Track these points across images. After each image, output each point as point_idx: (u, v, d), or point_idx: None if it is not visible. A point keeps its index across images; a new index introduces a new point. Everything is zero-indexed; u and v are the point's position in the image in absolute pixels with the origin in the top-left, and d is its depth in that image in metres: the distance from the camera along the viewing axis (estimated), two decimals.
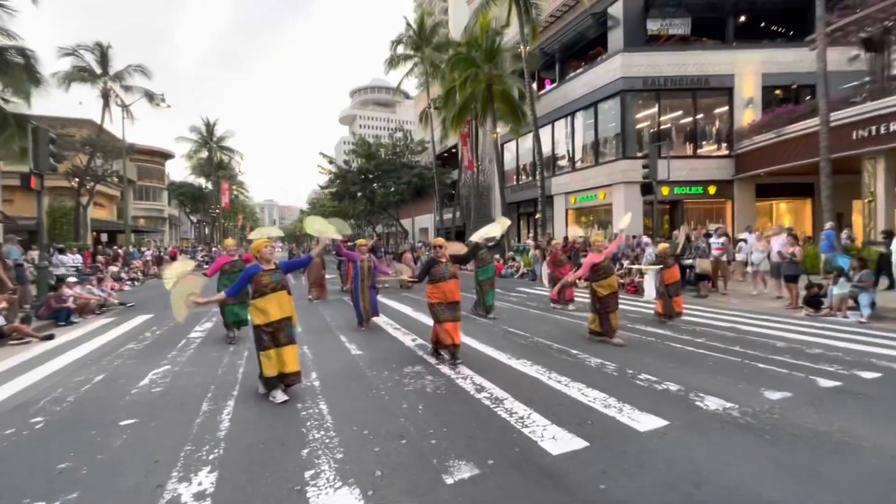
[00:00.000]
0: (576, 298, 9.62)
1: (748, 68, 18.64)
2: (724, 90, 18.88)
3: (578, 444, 3.02)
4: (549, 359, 5.20)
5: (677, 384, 4.16)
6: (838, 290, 7.83)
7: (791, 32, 20.41)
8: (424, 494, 2.49)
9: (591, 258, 6.10)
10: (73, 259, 13.71)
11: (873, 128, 13.91)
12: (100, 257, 16.89)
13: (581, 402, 3.78)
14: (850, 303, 7.80)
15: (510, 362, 4.99)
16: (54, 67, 21.30)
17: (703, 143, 19.63)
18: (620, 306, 6.31)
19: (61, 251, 12.62)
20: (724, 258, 10.91)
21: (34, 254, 10.91)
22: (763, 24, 20.36)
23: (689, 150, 19.36)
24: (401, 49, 22.98)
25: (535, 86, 24.70)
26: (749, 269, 10.48)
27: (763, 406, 3.62)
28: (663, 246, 8.11)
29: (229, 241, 7.23)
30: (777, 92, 18.61)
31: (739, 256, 11.82)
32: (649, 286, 10.33)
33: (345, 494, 2.51)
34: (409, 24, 22.83)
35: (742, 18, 20.02)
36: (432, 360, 5.26)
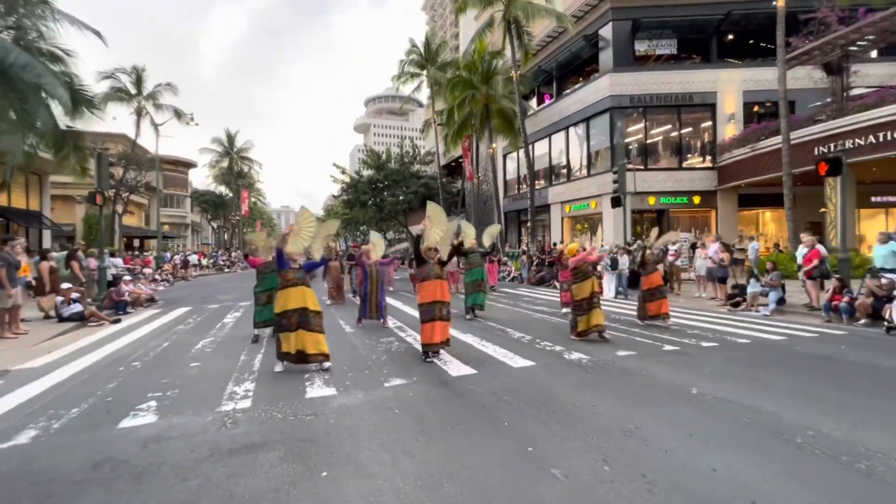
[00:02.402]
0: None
1: (729, 86, 20.30)
2: (707, 106, 20.56)
3: (471, 371, 5.04)
4: (487, 333, 7.21)
5: (562, 347, 6.13)
6: (751, 288, 9.60)
7: (773, 47, 21.93)
8: (370, 390, 4.55)
9: (571, 261, 6.85)
10: (118, 262, 16.23)
11: (831, 145, 15.51)
12: (137, 260, 19.51)
13: (489, 354, 5.80)
14: (763, 299, 9.56)
15: (458, 335, 6.97)
16: (94, 87, 24.03)
17: (689, 155, 21.28)
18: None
19: (112, 255, 15.12)
20: (679, 263, 12.66)
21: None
22: (746, 43, 21.93)
23: (674, 162, 21.03)
24: (407, 68, 25.35)
25: (534, 101, 26.77)
26: (699, 273, 12.19)
27: (607, 358, 5.56)
28: (649, 253, 8.75)
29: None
30: (755, 108, 20.16)
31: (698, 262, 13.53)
32: (609, 286, 12.18)
33: (327, 390, 4.58)
34: (414, 45, 25.20)
35: (726, 38, 21.69)
36: (402, 335, 7.31)
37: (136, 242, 33.65)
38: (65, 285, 9.38)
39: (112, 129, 31.22)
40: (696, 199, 20.63)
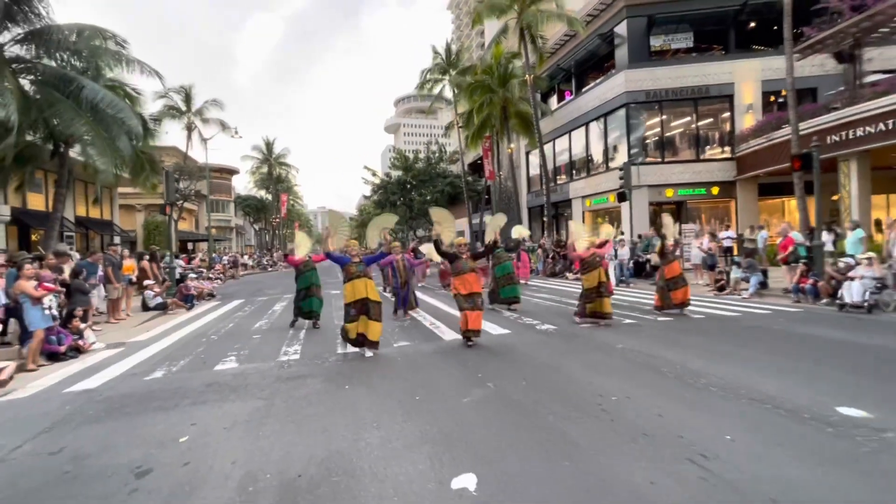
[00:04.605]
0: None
1: (747, 76, 20.79)
2: (724, 97, 21.13)
3: (459, 337, 6.76)
4: (484, 313, 8.87)
5: (539, 321, 7.74)
6: (734, 274, 10.76)
7: (797, 31, 22.04)
8: (383, 348, 6.38)
9: (580, 254, 7.65)
10: (180, 262, 18.95)
11: (843, 133, 16.02)
12: (193, 261, 22.41)
13: None
14: (746, 284, 10.69)
15: (456, 313, 8.67)
16: (150, 105, 27.31)
17: (707, 147, 21.91)
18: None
19: (176, 256, 17.82)
20: (677, 252, 13.76)
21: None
22: (770, 30, 22.17)
23: (692, 154, 21.73)
24: (430, 75, 27.21)
25: (555, 98, 27.91)
26: (695, 262, 13.30)
27: (570, 328, 7.14)
28: (669, 242, 9.02)
29: None
30: (771, 98, 20.57)
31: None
32: (610, 275, 13.48)
33: (352, 349, 6.44)
34: (436, 52, 27.01)
35: (747, 27, 22.06)
36: (415, 315, 9.11)
37: (190, 245, 37.30)
38: (149, 282, 11.81)
39: (166, 143, 34.93)
40: (715, 190, 21.26)
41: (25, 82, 13.16)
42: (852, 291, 8.13)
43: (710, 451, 2.93)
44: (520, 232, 14.22)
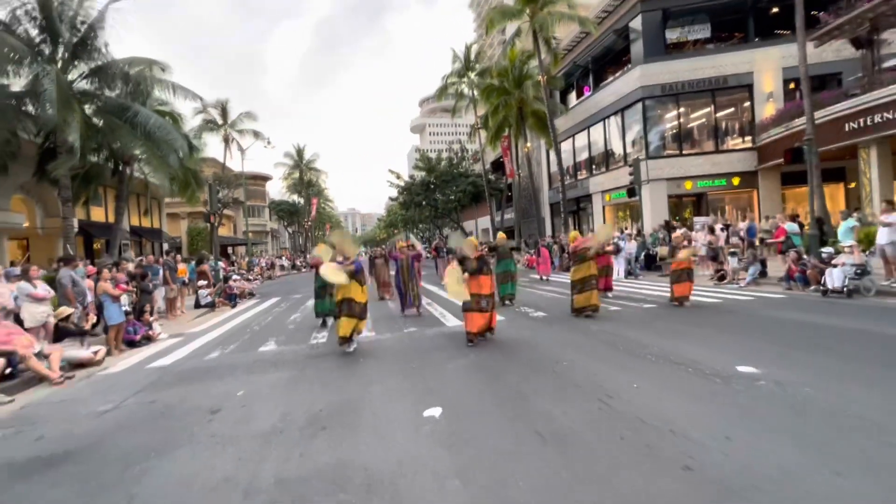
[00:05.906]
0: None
1: (767, 64, 20.86)
2: (743, 87, 21.28)
3: (460, 323, 7.95)
4: None
5: (533, 309, 8.82)
6: (732, 264, 11.42)
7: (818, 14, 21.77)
8: (395, 333, 7.67)
9: (570, 247, 8.89)
10: (221, 264, 20.95)
11: (862, 119, 16.10)
12: (234, 265, 24.53)
13: None
14: (744, 273, 11.34)
15: None
16: (190, 122, 29.87)
17: (727, 138, 22.07)
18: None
19: (218, 261, 19.82)
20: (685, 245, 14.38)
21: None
22: (789, 16, 22.03)
23: (711, 146, 21.96)
24: (450, 79, 28.44)
25: (573, 94, 28.51)
26: (701, 254, 13.91)
27: (559, 316, 8.19)
28: (678, 234, 10.58)
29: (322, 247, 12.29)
30: (791, 86, 20.55)
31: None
32: (618, 268, 14.29)
33: (369, 334, 7.77)
34: (455, 56, 28.19)
35: (769, 13, 22.02)
36: (428, 307, 10.36)
37: (230, 250, 40.05)
38: (201, 282, 13.60)
39: (205, 155, 37.66)
40: (736, 181, 21.45)
41: (90, 110, 15.25)
42: (833, 278, 8.76)
43: (616, 394, 4.01)
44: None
